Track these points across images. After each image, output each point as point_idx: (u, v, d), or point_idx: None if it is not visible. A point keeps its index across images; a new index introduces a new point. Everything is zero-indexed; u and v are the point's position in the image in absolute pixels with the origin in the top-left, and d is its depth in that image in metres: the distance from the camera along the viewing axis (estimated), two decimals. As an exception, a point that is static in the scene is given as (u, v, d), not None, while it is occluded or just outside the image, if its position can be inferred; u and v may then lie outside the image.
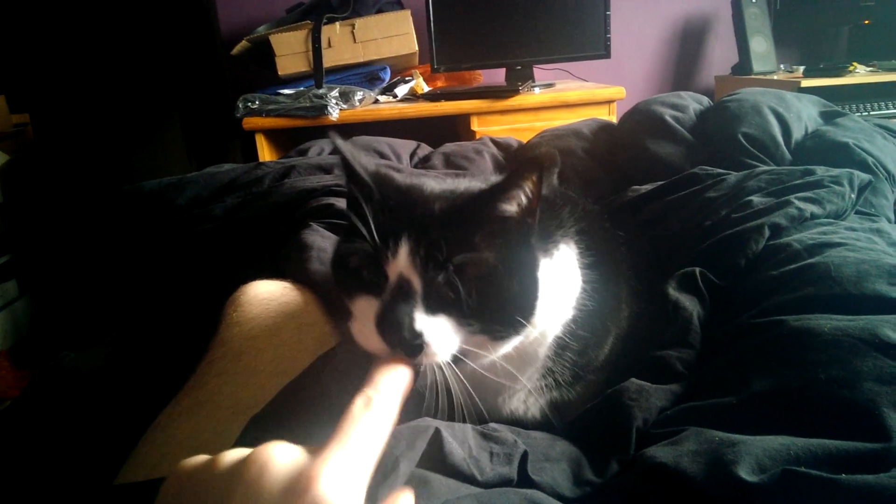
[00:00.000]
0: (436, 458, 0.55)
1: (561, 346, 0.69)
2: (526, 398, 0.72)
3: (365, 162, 0.63)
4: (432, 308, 0.55)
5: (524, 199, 0.59)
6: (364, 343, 0.55)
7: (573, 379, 0.72)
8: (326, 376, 0.68)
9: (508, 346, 0.61)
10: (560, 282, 0.68)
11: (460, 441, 0.58)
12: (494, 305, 0.58)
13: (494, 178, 0.63)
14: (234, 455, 0.35)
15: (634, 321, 0.80)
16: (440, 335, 0.55)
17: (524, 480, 0.58)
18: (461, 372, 0.58)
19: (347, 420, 0.37)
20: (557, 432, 0.68)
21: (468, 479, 0.56)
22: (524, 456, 0.59)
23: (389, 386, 0.42)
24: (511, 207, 0.59)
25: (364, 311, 0.56)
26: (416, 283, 0.55)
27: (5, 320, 2.13)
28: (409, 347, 0.53)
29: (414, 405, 0.59)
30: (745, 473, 0.50)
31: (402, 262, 0.55)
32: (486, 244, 0.58)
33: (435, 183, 0.65)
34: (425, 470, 0.54)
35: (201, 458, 0.36)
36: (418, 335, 0.53)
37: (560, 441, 0.66)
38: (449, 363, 0.57)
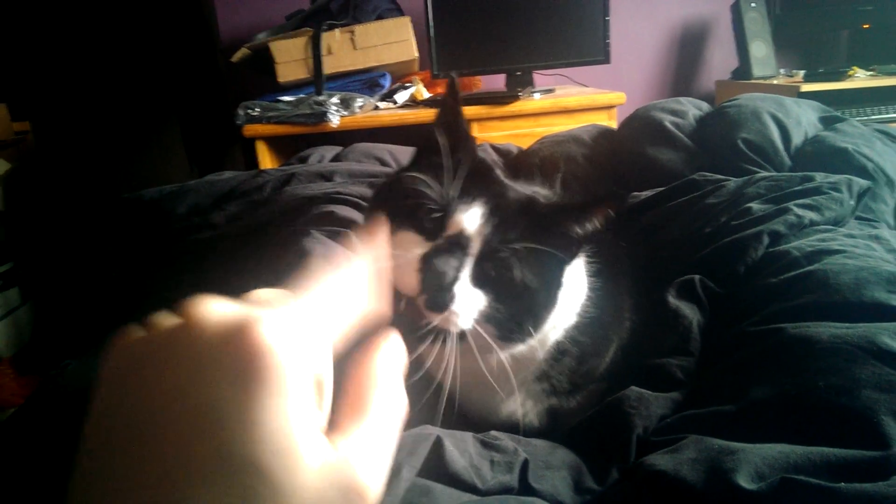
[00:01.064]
0: (437, 467, 0.55)
1: (560, 350, 0.70)
2: (524, 401, 0.72)
3: (459, 116, 0.65)
4: (476, 278, 0.56)
5: (590, 228, 0.62)
6: (397, 278, 0.55)
7: (572, 387, 0.72)
8: None
9: (506, 352, 0.62)
10: (568, 290, 0.69)
11: (461, 450, 0.58)
12: (523, 305, 0.59)
13: (572, 197, 0.66)
14: (169, 318, 0.32)
15: (636, 333, 0.80)
16: (470, 304, 0.56)
17: (525, 488, 0.58)
18: (461, 360, 0.59)
19: (309, 284, 0.34)
20: (558, 440, 0.68)
21: (469, 487, 0.56)
22: (525, 464, 0.59)
23: (363, 254, 0.38)
24: (580, 229, 0.62)
25: (406, 244, 0.57)
26: (476, 246, 0.56)
27: (8, 328, 2.14)
28: (439, 300, 0.54)
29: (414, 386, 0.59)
30: (744, 481, 0.50)
31: (470, 221, 0.56)
32: (542, 250, 0.60)
33: (500, 172, 0.67)
34: (427, 480, 0.54)
35: (139, 330, 0.32)
36: (453, 293, 0.54)
37: (560, 449, 0.66)
38: (455, 337, 0.57)
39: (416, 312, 0.56)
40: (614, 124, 2.17)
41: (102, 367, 0.31)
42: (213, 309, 0.31)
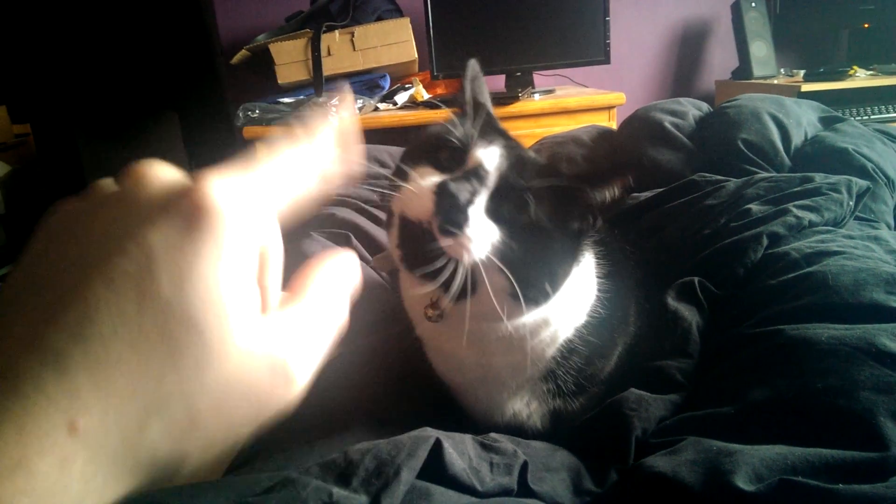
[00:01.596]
0: (436, 469, 0.55)
1: (569, 349, 0.70)
2: (529, 401, 0.72)
3: (478, 93, 0.70)
4: (491, 212, 0.56)
5: (608, 196, 0.62)
6: (408, 203, 0.55)
7: (577, 388, 0.72)
8: None
9: (522, 317, 0.62)
10: (580, 288, 0.69)
11: (460, 451, 0.58)
12: (539, 254, 0.59)
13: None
14: (109, 181, 0.31)
15: (640, 338, 0.80)
16: (483, 234, 0.55)
17: (524, 490, 0.58)
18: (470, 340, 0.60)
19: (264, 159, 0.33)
20: (557, 442, 0.68)
21: (468, 489, 0.56)
22: (524, 466, 0.59)
23: (324, 130, 0.37)
24: (598, 196, 0.62)
25: (423, 175, 0.57)
26: (493, 179, 0.56)
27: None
28: (452, 223, 0.53)
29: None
30: (742, 483, 0.50)
31: (489, 155, 0.57)
32: (559, 203, 0.60)
33: None
34: (426, 482, 0.54)
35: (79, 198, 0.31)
36: (466, 219, 0.53)
37: (560, 451, 0.66)
38: (469, 273, 0.56)
39: (427, 244, 0.55)
40: (614, 125, 2.18)
41: (36, 229, 0.30)
42: (158, 172, 0.30)
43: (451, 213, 0.53)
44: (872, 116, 2.33)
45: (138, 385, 0.25)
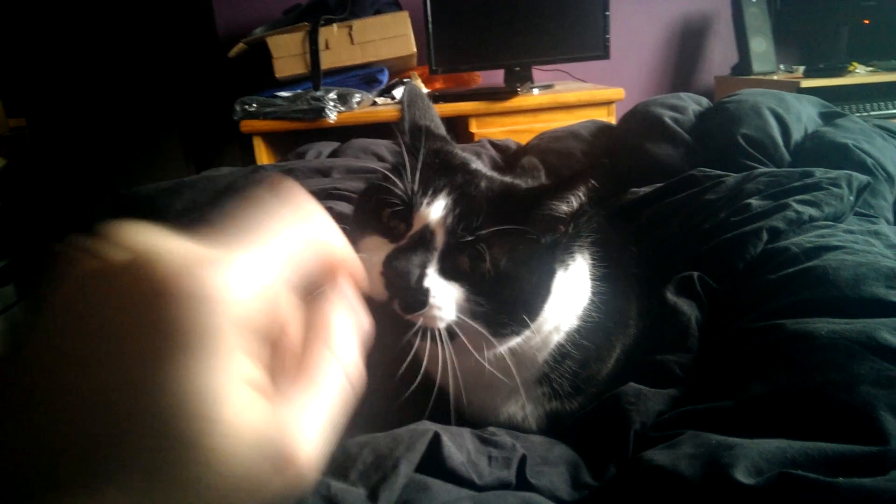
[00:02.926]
0: (435, 462, 0.55)
1: (562, 353, 0.69)
2: (524, 404, 0.71)
3: (419, 116, 0.65)
4: (447, 272, 0.55)
5: (575, 203, 0.60)
6: (368, 284, 0.53)
7: (574, 391, 0.72)
8: None
9: (506, 345, 0.61)
10: (569, 292, 0.68)
11: (459, 445, 0.58)
12: (507, 295, 0.57)
13: (546, 180, 0.64)
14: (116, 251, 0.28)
15: (641, 338, 0.79)
16: (446, 300, 0.54)
17: (523, 484, 0.58)
18: (457, 358, 0.58)
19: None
20: (555, 436, 0.68)
21: (467, 483, 0.56)
22: (522, 460, 0.59)
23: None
24: (565, 206, 0.59)
25: (371, 249, 0.55)
26: (441, 238, 0.54)
27: (3, 325, 2.13)
28: (411, 300, 0.52)
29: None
30: (742, 476, 0.50)
31: (432, 214, 0.54)
32: (519, 234, 0.58)
33: (481, 166, 0.66)
34: (424, 475, 0.54)
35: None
36: (425, 291, 0.52)
37: (558, 445, 0.66)
38: (444, 333, 0.55)
39: (397, 317, 0.54)
40: (613, 120, 2.17)
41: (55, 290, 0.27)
42: (174, 243, 0.28)
43: (407, 295, 0.52)
44: (872, 113, 2.33)
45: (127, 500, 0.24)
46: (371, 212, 0.59)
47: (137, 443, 0.24)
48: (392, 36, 2.25)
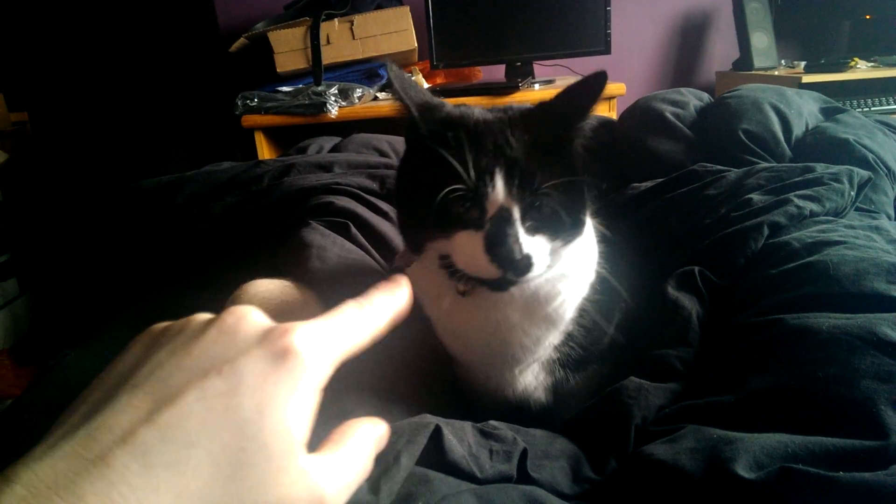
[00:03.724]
0: (436, 456, 0.55)
1: (583, 309, 0.73)
2: (538, 373, 0.75)
3: (416, 95, 0.67)
4: (530, 230, 0.60)
5: (586, 112, 0.64)
6: (475, 271, 0.60)
7: (583, 352, 0.74)
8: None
9: (567, 253, 0.65)
10: (588, 245, 0.72)
11: (460, 438, 0.58)
12: (573, 215, 0.64)
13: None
14: (208, 315, 0.35)
15: (632, 316, 0.81)
16: (542, 253, 0.61)
17: (523, 478, 0.58)
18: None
19: (335, 309, 0.37)
20: (557, 429, 0.68)
21: (468, 476, 0.56)
22: (523, 453, 0.60)
23: (384, 302, 0.41)
24: (579, 121, 0.64)
25: (467, 244, 0.60)
26: (516, 210, 0.59)
27: (6, 319, 2.14)
28: (521, 268, 0.58)
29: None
30: (743, 470, 0.50)
31: (500, 195, 0.59)
32: (565, 163, 0.63)
33: (480, 112, 0.68)
34: (425, 468, 0.54)
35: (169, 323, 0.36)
36: (527, 257, 0.58)
37: (559, 439, 0.66)
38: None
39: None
40: (615, 115, 2.17)
41: (132, 341, 0.34)
42: (256, 311, 0.34)
43: (515, 265, 0.58)
44: (873, 108, 2.32)
45: (207, 491, 0.28)
46: (445, 211, 0.61)
47: (234, 441, 0.29)
48: (393, 31, 2.24)
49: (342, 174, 1.16)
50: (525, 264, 0.58)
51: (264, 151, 2.20)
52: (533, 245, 0.60)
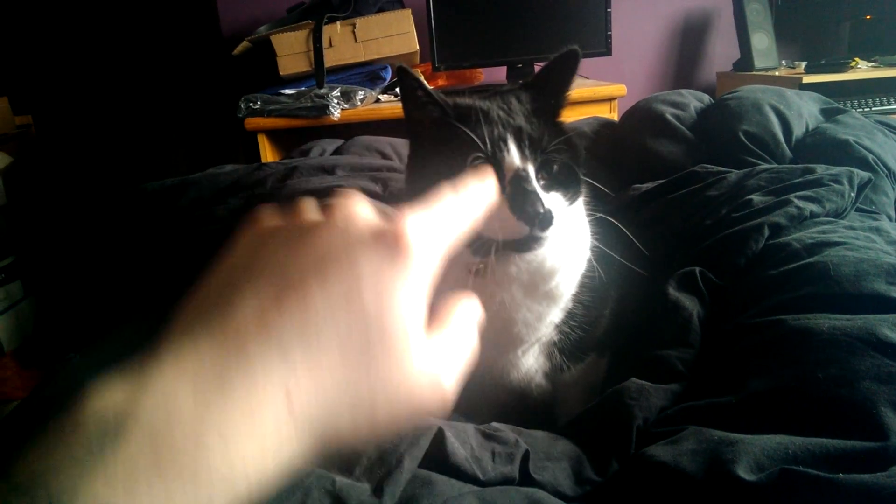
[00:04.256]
0: (438, 458, 0.56)
1: (582, 285, 0.76)
2: (538, 356, 0.78)
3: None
4: (546, 187, 0.66)
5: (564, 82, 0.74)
6: (505, 233, 0.63)
7: (581, 336, 0.77)
8: None
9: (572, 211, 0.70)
10: (582, 221, 0.76)
11: (462, 441, 0.59)
12: (577, 170, 0.71)
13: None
14: (313, 205, 0.36)
15: (633, 315, 0.83)
16: (559, 206, 0.66)
17: (526, 479, 0.59)
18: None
19: (435, 197, 0.38)
20: (558, 431, 0.69)
21: (470, 478, 0.56)
22: (526, 455, 0.60)
23: (477, 189, 0.42)
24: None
25: (492, 209, 0.62)
26: (530, 169, 0.65)
27: (10, 321, 2.14)
28: (545, 221, 0.62)
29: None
30: (744, 472, 0.50)
31: (515, 160, 0.65)
32: (559, 127, 0.71)
33: (470, 98, 0.75)
34: (428, 471, 0.55)
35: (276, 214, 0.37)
36: (548, 211, 0.62)
37: (561, 440, 0.66)
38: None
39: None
40: (615, 116, 2.17)
41: (242, 228, 0.36)
42: (361, 209, 0.35)
43: (541, 219, 0.62)
44: (874, 108, 2.32)
45: (339, 374, 0.30)
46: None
47: (358, 328, 0.31)
48: (395, 34, 2.25)
49: (345, 177, 1.16)
50: (548, 217, 0.62)
51: (267, 154, 2.20)
52: (551, 200, 0.65)
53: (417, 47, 2.30)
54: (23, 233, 2.22)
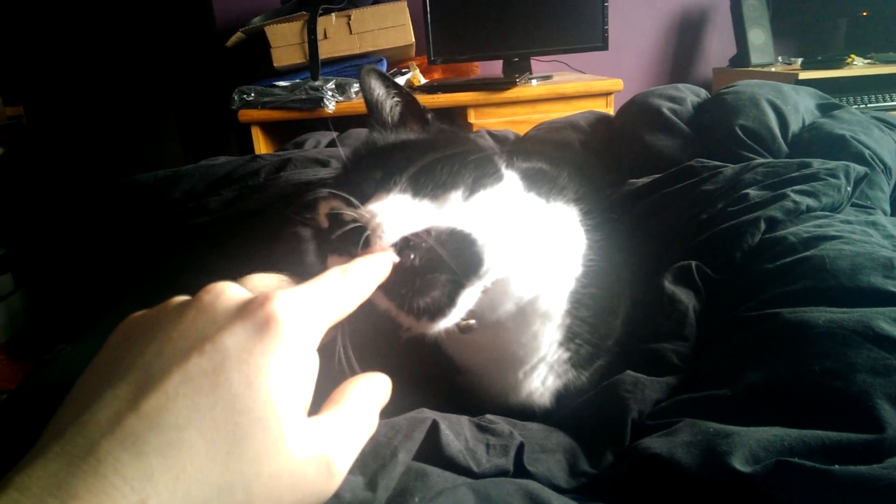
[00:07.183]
0: (432, 450, 0.55)
1: (576, 300, 0.71)
2: (546, 375, 0.73)
3: None
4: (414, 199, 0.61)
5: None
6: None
7: (592, 349, 0.73)
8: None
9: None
10: (561, 235, 0.71)
11: (456, 433, 0.58)
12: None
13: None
14: (185, 297, 0.35)
15: (629, 308, 0.81)
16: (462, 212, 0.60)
17: (520, 471, 0.58)
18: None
19: (318, 276, 0.37)
20: (553, 423, 0.69)
21: (464, 470, 0.56)
22: (520, 447, 0.60)
23: (367, 267, 0.42)
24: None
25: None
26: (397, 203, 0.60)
27: (1, 314, 2.13)
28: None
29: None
30: (739, 464, 0.50)
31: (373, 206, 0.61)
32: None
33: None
34: (422, 463, 0.54)
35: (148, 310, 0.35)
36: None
37: (556, 432, 0.66)
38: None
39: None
40: (612, 111, 2.17)
41: (110, 337, 0.34)
42: (233, 286, 0.34)
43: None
44: (870, 105, 2.33)
45: (205, 471, 0.28)
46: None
47: (226, 417, 0.29)
48: (390, 26, 2.24)
49: (339, 169, 1.16)
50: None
51: (261, 146, 2.19)
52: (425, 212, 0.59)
53: (413, 40, 2.29)
54: (14, 225, 2.20)
